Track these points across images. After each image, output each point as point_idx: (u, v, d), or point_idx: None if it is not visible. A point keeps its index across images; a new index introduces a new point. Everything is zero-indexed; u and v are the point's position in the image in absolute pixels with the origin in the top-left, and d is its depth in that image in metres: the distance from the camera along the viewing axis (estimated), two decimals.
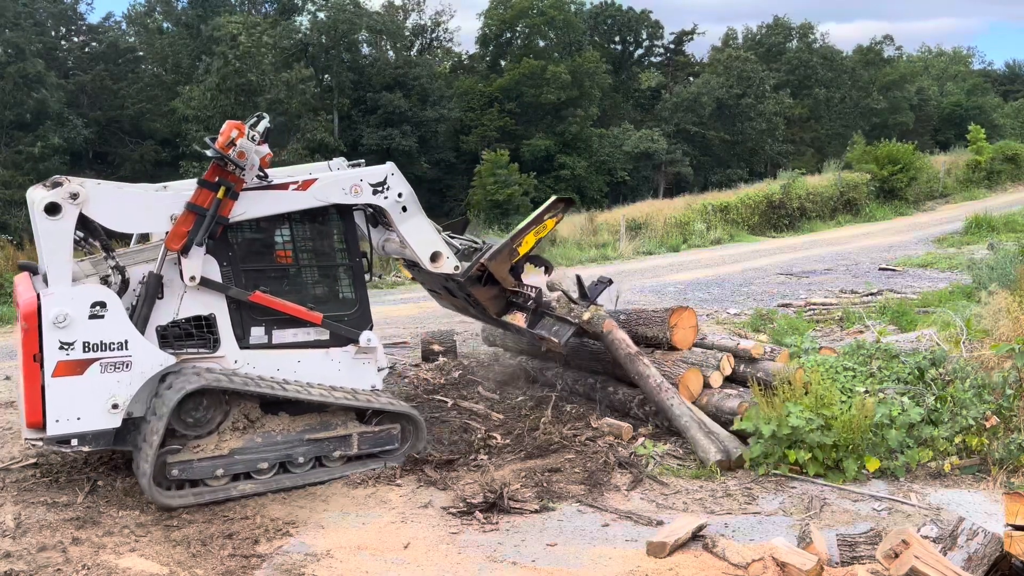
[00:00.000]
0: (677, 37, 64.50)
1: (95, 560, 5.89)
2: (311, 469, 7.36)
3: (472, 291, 8.38)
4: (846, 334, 12.33)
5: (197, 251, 6.90)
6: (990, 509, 6.47)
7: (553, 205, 8.41)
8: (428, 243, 8.01)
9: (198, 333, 7.17)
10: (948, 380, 8.26)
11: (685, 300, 15.93)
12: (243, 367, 7.25)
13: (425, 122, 48.58)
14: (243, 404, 7.14)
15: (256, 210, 7.21)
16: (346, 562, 5.96)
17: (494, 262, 8.11)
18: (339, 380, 7.60)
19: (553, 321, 8.33)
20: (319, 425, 7.39)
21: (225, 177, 6.91)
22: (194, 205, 6.87)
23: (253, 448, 7.09)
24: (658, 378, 8.55)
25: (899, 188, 32.62)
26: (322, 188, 7.43)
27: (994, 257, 15.83)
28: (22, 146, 40.34)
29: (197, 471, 6.88)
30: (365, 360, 7.76)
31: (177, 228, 6.84)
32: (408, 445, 7.73)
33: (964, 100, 67.53)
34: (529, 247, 8.28)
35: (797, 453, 7.34)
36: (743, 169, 54.85)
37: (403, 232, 7.86)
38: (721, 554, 5.70)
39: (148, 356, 6.80)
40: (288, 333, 7.47)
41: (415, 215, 7.87)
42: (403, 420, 7.71)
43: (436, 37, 61.56)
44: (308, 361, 7.52)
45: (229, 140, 6.79)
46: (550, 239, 24.95)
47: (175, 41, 48.67)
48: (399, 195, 7.73)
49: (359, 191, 7.56)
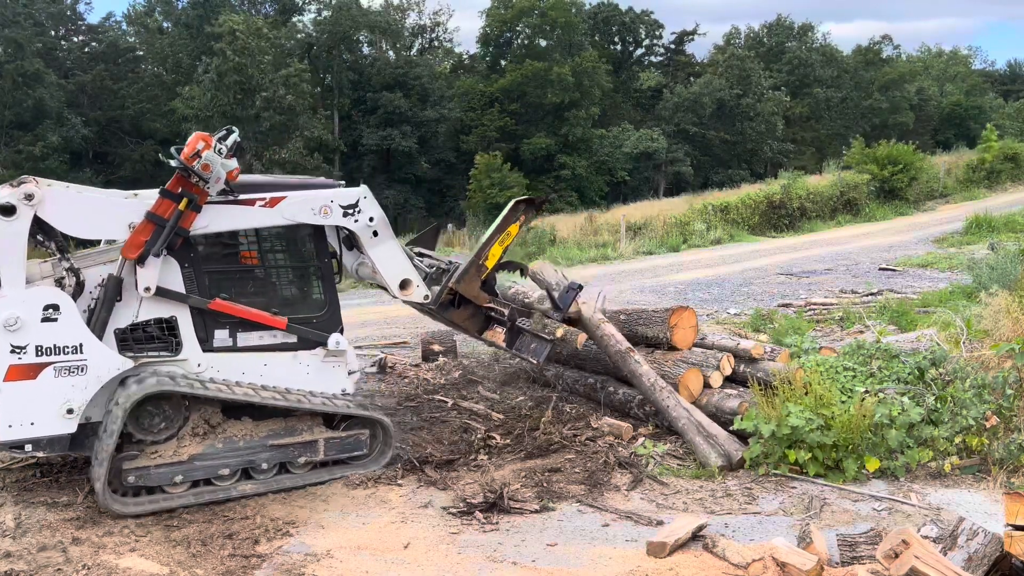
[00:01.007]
0: (678, 37, 64.58)
1: (95, 560, 5.89)
2: (275, 475, 7.17)
3: (447, 316, 8.23)
4: (846, 334, 12.33)
5: (153, 261, 6.73)
6: (990, 509, 6.47)
7: (514, 209, 8.12)
8: (397, 270, 7.80)
9: (159, 336, 6.99)
10: (948, 380, 8.26)
11: (685, 300, 15.92)
12: (206, 371, 7.05)
13: (425, 122, 48.62)
14: (204, 409, 6.96)
15: (219, 224, 7.03)
16: (346, 562, 5.96)
17: (463, 284, 7.93)
18: (307, 384, 7.41)
19: (531, 338, 8.15)
20: (284, 430, 7.21)
21: (188, 189, 6.74)
22: (154, 215, 6.70)
23: (214, 454, 6.92)
24: (652, 376, 8.51)
25: (899, 188, 32.62)
26: (290, 207, 7.24)
27: (994, 257, 15.81)
28: (22, 145, 40.36)
29: (155, 478, 6.72)
30: (335, 364, 7.55)
31: (135, 237, 6.68)
32: (378, 452, 7.55)
33: (963, 100, 67.57)
34: (497, 258, 8.03)
35: (797, 453, 7.34)
36: (744, 169, 54.89)
37: (372, 257, 7.66)
38: (721, 554, 5.70)
39: (104, 360, 6.65)
40: (254, 336, 7.27)
41: (386, 241, 7.67)
42: (372, 426, 7.53)
43: (436, 37, 61.63)
44: (275, 364, 7.32)
45: (195, 151, 6.62)
46: (549, 239, 24.96)
47: (175, 41, 48.70)
48: (370, 219, 7.52)
49: (329, 212, 7.37)
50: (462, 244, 24.12)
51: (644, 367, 8.63)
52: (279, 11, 51.73)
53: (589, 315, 9.18)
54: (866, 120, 59.84)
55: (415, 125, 48.12)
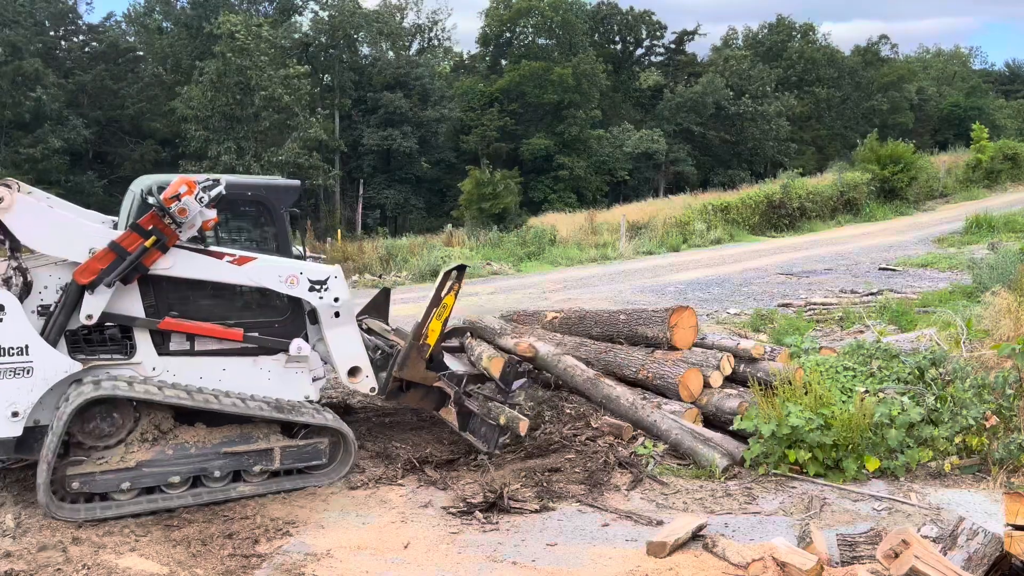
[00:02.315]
0: (678, 37, 64.53)
1: (95, 560, 5.89)
2: (228, 484, 6.96)
3: (401, 402, 8.16)
4: (846, 334, 12.33)
5: (103, 292, 6.59)
6: (990, 509, 6.47)
7: (446, 278, 7.90)
8: (351, 357, 7.60)
9: (112, 338, 6.84)
10: (948, 380, 8.26)
11: (685, 300, 15.92)
12: (161, 375, 6.90)
13: (425, 122, 48.64)
14: (154, 414, 6.74)
15: (183, 270, 6.89)
16: (346, 562, 5.96)
17: (407, 370, 7.80)
18: (268, 390, 7.21)
19: (480, 422, 7.95)
20: (239, 438, 6.98)
21: (160, 228, 6.62)
22: (118, 245, 6.59)
23: (163, 461, 6.71)
24: (629, 396, 8.37)
25: (900, 188, 32.64)
26: (258, 270, 7.06)
27: (994, 257, 15.82)
28: (21, 146, 40.36)
29: (100, 484, 6.53)
30: (297, 369, 7.36)
31: (92, 263, 6.54)
32: (338, 462, 7.34)
33: (963, 100, 67.57)
34: (437, 334, 7.86)
35: (797, 453, 7.34)
36: (744, 170, 54.89)
37: (328, 337, 7.44)
38: (721, 554, 5.70)
39: (51, 362, 6.51)
40: (212, 339, 7.09)
41: (346, 324, 7.49)
42: (332, 435, 7.29)
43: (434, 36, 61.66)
44: (234, 369, 7.14)
45: (176, 194, 6.57)
46: (549, 239, 24.95)
47: (175, 41, 48.70)
48: (336, 299, 7.33)
49: (295, 283, 7.17)
50: (461, 244, 24.11)
51: (618, 389, 8.47)
52: (278, 10, 51.73)
53: (545, 352, 8.92)
54: (866, 120, 59.83)
55: (415, 125, 48.13)
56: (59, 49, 46.61)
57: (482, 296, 17.45)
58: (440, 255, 21.53)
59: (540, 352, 8.84)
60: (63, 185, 38.83)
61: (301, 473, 7.26)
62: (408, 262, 21.08)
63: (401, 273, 20.51)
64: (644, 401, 8.39)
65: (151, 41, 50.01)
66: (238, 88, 38.68)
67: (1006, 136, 51.00)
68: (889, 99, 62.08)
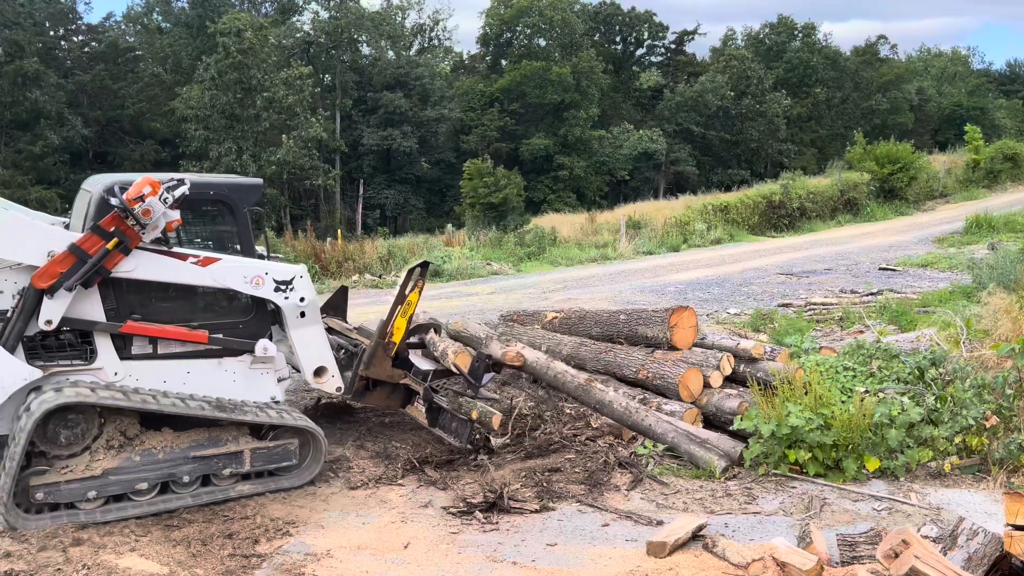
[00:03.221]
0: (678, 37, 64.52)
1: (95, 560, 5.88)
2: (198, 488, 6.82)
3: (366, 401, 8.12)
4: (846, 334, 12.33)
5: (63, 296, 6.39)
6: (990, 509, 6.47)
7: (410, 275, 7.88)
8: (316, 357, 7.51)
9: (72, 344, 6.63)
10: (948, 380, 8.26)
11: (685, 300, 15.92)
12: (124, 379, 6.72)
13: (426, 122, 48.62)
14: (119, 420, 6.56)
15: (146, 272, 6.71)
16: (346, 562, 5.96)
17: (373, 369, 7.77)
18: (234, 392, 7.10)
19: (451, 417, 7.89)
20: (207, 441, 6.84)
21: (122, 229, 6.46)
22: (78, 248, 6.40)
23: (130, 467, 6.52)
24: (622, 401, 8.29)
25: (899, 188, 32.63)
26: (222, 271, 6.93)
27: (994, 257, 15.82)
28: (21, 145, 40.38)
29: (65, 494, 6.33)
30: (263, 370, 7.25)
31: (51, 267, 6.34)
32: (309, 461, 7.24)
33: (965, 100, 67.56)
34: (402, 331, 7.81)
35: (797, 453, 7.34)
36: (744, 170, 54.89)
37: (293, 337, 7.33)
38: (721, 554, 5.70)
39: (10, 370, 6.34)
40: (175, 342, 6.92)
41: (312, 324, 7.39)
42: (302, 435, 7.18)
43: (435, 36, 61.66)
44: (199, 372, 6.99)
45: (139, 194, 6.38)
46: (549, 240, 24.95)
47: (175, 41, 48.70)
48: (301, 299, 7.23)
49: (261, 283, 7.06)
50: (461, 244, 24.10)
51: (610, 393, 8.38)
52: (279, 10, 51.73)
53: (534, 359, 8.80)
54: (866, 120, 59.83)
55: (415, 125, 48.12)
56: (59, 49, 46.61)
57: (482, 296, 17.45)
58: (440, 255, 21.52)
59: (528, 360, 8.69)
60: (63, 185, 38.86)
61: (268, 475, 7.13)
62: (408, 262, 21.07)
63: (401, 273, 20.50)
64: (639, 405, 8.33)
65: (151, 41, 50.01)
66: (239, 87, 38.63)
67: (1006, 136, 51.00)
68: (889, 99, 62.08)
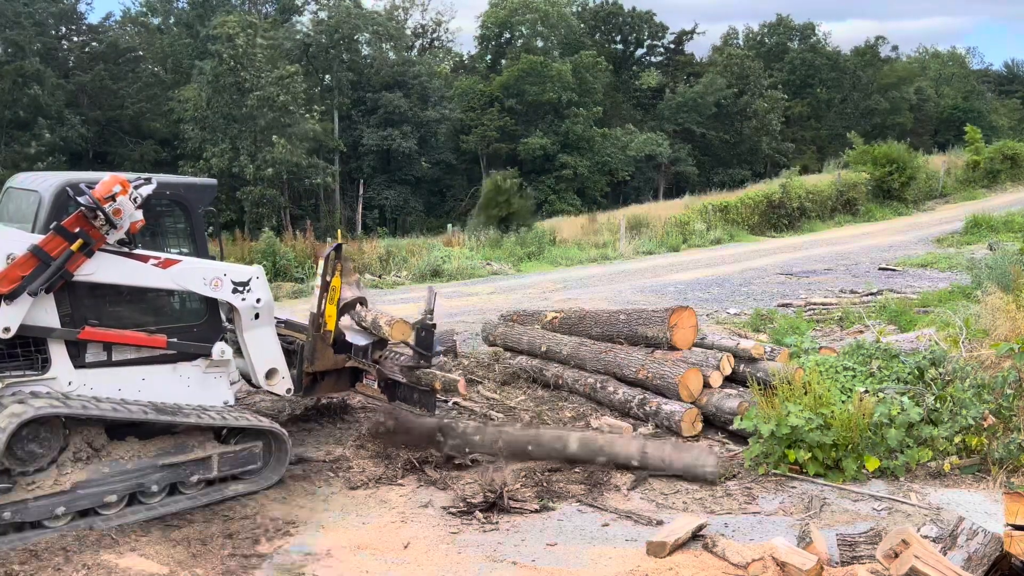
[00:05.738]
0: (677, 37, 64.51)
1: (95, 560, 5.89)
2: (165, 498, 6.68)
3: (317, 393, 8.11)
4: (846, 334, 12.34)
5: (24, 300, 6.08)
6: (990, 509, 6.47)
7: (326, 262, 7.86)
8: (268, 359, 7.47)
9: (23, 352, 6.33)
10: (948, 380, 8.26)
11: (685, 300, 15.93)
12: (78, 388, 6.45)
13: (425, 122, 48.56)
14: (86, 431, 6.31)
15: (107, 275, 6.48)
16: (346, 562, 5.96)
17: (317, 362, 7.79)
18: (188, 397, 6.95)
19: (410, 390, 7.81)
20: (174, 448, 6.68)
21: (87, 230, 6.21)
22: (40, 250, 6.11)
23: (99, 480, 6.29)
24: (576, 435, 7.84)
25: (895, 188, 32.60)
26: (182, 273, 6.80)
27: (993, 257, 15.82)
28: (19, 145, 40.38)
29: (33, 512, 6.05)
30: (216, 374, 7.14)
31: (10, 271, 6.03)
32: (273, 463, 7.18)
33: (962, 103, 67.61)
34: (334, 317, 7.87)
35: (797, 453, 7.34)
36: (745, 169, 54.88)
37: (246, 339, 7.28)
38: (721, 554, 5.71)
39: None
40: (130, 348, 6.72)
41: (265, 326, 7.36)
42: (265, 437, 7.14)
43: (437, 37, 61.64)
44: (154, 378, 6.83)
45: (110, 193, 6.16)
46: (550, 240, 24.94)
47: (175, 41, 48.69)
48: (257, 300, 7.18)
49: (219, 285, 6.97)
50: (461, 244, 24.10)
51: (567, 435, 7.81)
52: (279, 10, 51.70)
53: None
54: (866, 120, 59.84)
55: (415, 125, 48.07)
56: (59, 49, 46.60)
57: (482, 296, 17.45)
58: (440, 255, 21.53)
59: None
60: None
61: (233, 479, 7.06)
62: (408, 262, 21.08)
63: (401, 273, 20.51)
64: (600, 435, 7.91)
65: (151, 41, 49.98)
66: (235, 88, 38.62)
67: (1003, 136, 50.96)
68: (888, 99, 62.10)
